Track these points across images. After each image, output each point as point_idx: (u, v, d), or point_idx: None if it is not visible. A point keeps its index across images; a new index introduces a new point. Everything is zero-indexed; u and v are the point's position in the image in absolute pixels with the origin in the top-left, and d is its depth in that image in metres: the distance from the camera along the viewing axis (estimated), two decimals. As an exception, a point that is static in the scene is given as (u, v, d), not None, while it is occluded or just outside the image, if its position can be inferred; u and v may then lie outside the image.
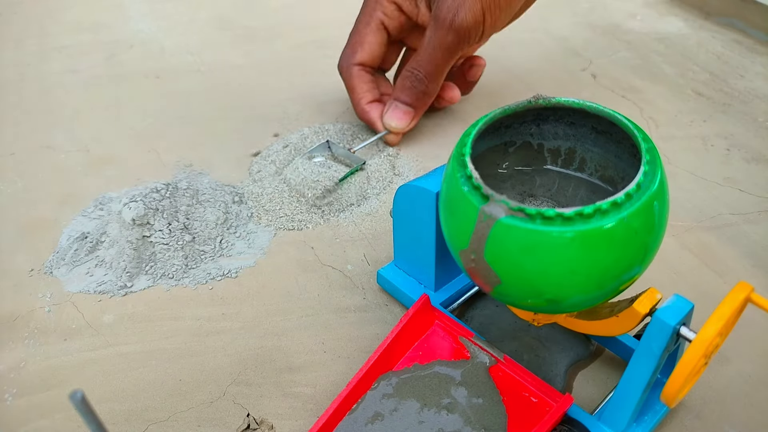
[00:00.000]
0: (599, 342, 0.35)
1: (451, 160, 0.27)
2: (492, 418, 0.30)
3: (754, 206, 0.46)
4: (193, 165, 0.51)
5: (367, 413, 0.31)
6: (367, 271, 0.41)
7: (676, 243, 0.43)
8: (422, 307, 0.33)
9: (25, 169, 0.52)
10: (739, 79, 0.61)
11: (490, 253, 0.25)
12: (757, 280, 0.40)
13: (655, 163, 0.25)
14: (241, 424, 0.32)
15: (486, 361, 0.32)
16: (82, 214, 0.46)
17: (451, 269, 0.37)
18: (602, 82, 0.61)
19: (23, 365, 0.36)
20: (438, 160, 0.51)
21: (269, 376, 0.35)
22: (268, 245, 0.43)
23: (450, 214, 0.27)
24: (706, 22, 0.73)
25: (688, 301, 0.26)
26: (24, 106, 0.60)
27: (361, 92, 0.51)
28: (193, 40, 0.71)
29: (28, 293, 0.40)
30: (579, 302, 0.26)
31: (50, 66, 0.67)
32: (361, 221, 0.45)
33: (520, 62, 0.65)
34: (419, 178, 0.33)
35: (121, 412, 0.33)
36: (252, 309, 0.39)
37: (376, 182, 0.48)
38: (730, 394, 0.33)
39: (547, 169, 0.33)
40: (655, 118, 0.56)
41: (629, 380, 0.28)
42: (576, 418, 0.30)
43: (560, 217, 0.23)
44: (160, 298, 0.40)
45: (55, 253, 0.43)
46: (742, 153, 0.51)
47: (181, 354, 0.36)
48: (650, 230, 0.25)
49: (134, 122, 0.57)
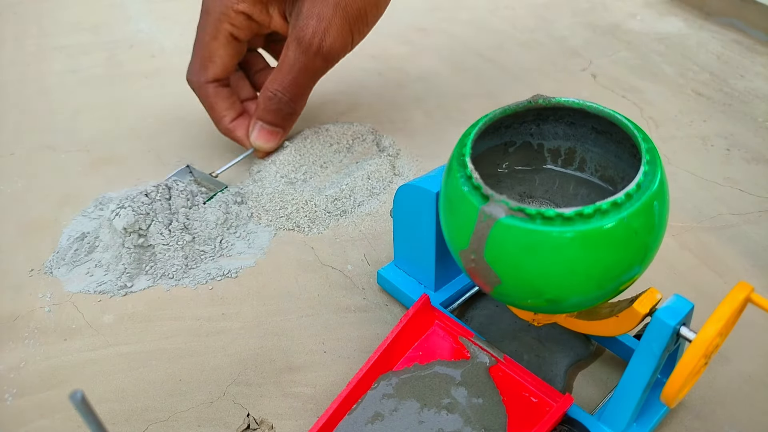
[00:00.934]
0: (599, 342, 0.35)
1: (451, 160, 0.27)
2: (492, 418, 0.30)
3: (754, 206, 0.46)
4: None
5: (367, 413, 0.31)
6: (367, 271, 0.41)
7: (676, 243, 0.43)
8: (422, 307, 0.33)
9: (25, 169, 0.52)
10: (739, 79, 0.61)
11: (490, 253, 0.25)
12: (757, 280, 0.40)
13: (655, 163, 0.25)
14: (241, 424, 0.32)
15: (486, 361, 0.32)
16: (82, 214, 0.46)
17: (451, 269, 0.37)
18: (602, 82, 0.61)
19: (23, 365, 0.36)
20: (438, 160, 0.51)
21: (269, 376, 0.35)
22: (268, 245, 0.43)
23: (450, 214, 0.27)
24: (706, 22, 0.73)
25: (688, 301, 0.26)
26: (24, 106, 0.60)
27: (222, 110, 0.48)
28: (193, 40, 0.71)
29: (28, 293, 0.40)
30: (579, 302, 0.26)
31: (50, 66, 0.67)
32: (361, 221, 0.45)
33: (520, 62, 0.65)
34: (419, 178, 0.33)
35: (121, 412, 0.33)
36: (252, 309, 0.39)
37: (376, 182, 0.48)
38: (730, 394, 0.33)
39: (547, 169, 0.33)
40: (655, 118, 0.56)
41: (629, 380, 0.28)
42: (576, 418, 0.30)
43: (560, 217, 0.23)
44: (160, 298, 0.40)
45: (55, 253, 0.43)
46: (742, 153, 0.51)
47: (181, 354, 0.36)
48: (650, 230, 0.25)
49: (134, 122, 0.57)
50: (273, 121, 0.47)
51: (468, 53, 0.67)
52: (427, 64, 0.65)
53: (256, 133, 0.47)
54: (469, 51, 0.68)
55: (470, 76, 0.63)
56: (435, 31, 0.72)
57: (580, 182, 0.32)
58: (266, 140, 0.48)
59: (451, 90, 0.61)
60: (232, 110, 0.48)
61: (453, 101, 0.59)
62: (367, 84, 0.62)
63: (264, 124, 0.47)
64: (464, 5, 0.78)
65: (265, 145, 0.48)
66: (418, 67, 0.65)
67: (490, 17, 0.75)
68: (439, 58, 0.66)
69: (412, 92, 0.61)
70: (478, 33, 0.71)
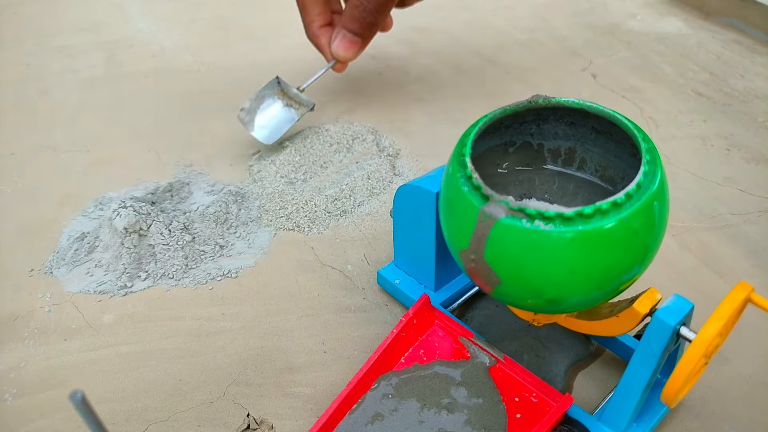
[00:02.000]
0: (599, 342, 0.35)
1: (451, 160, 0.27)
2: (492, 418, 0.30)
3: (754, 206, 0.46)
4: (193, 165, 0.51)
5: (367, 413, 0.31)
6: (367, 271, 0.41)
7: (676, 243, 0.43)
8: (422, 307, 0.33)
9: (25, 169, 0.52)
10: (739, 79, 0.61)
11: (490, 253, 0.25)
12: (757, 280, 0.40)
13: (655, 163, 0.25)
14: (241, 424, 0.32)
15: (486, 361, 0.32)
16: (82, 214, 0.46)
17: (451, 269, 0.37)
18: (602, 82, 0.61)
19: (23, 365, 0.36)
20: (438, 160, 0.51)
21: (269, 376, 0.35)
22: (268, 245, 0.43)
23: (450, 214, 0.27)
24: (706, 22, 0.73)
25: (688, 301, 0.26)
26: (24, 106, 0.60)
27: (313, 14, 0.50)
28: (193, 40, 0.71)
29: (28, 293, 0.40)
30: (579, 302, 0.26)
31: (50, 66, 0.67)
32: (361, 221, 0.45)
33: (520, 62, 0.65)
34: (419, 178, 0.33)
35: (121, 412, 0.33)
36: (252, 309, 0.39)
37: (376, 182, 0.48)
38: (730, 394, 0.33)
39: (547, 169, 0.33)
40: (655, 118, 0.56)
41: (629, 380, 0.28)
42: (576, 418, 0.30)
43: (560, 217, 0.23)
44: (160, 298, 0.40)
45: (55, 253, 0.43)
46: (742, 153, 0.51)
47: (181, 354, 0.36)
48: (650, 230, 0.25)
49: (134, 122, 0.57)
50: (355, 30, 0.49)
51: (468, 53, 0.67)
52: (427, 64, 0.65)
53: (338, 41, 0.49)
54: (469, 51, 0.68)
55: (470, 76, 0.63)
56: (435, 31, 0.72)
57: (580, 182, 0.32)
58: (346, 49, 0.49)
59: (451, 90, 0.61)
60: (323, 17, 0.50)
61: (453, 101, 0.59)
62: (367, 84, 0.62)
63: (346, 32, 0.49)
64: (464, 5, 0.78)
65: (344, 53, 0.49)
66: (418, 67, 0.65)
67: (490, 17, 0.75)
68: (439, 58, 0.66)
69: (412, 92, 0.60)
70: (478, 33, 0.71)
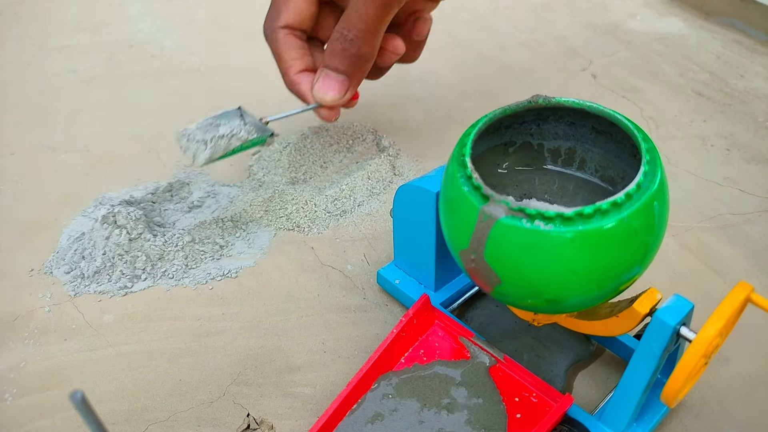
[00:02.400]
0: (599, 342, 0.35)
1: (451, 160, 0.27)
2: (492, 418, 0.30)
3: (754, 206, 0.46)
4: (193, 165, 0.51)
5: (367, 413, 0.31)
6: (367, 271, 0.41)
7: (676, 243, 0.43)
8: (422, 307, 0.33)
9: (25, 169, 0.52)
10: (739, 79, 0.61)
11: (490, 253, 0.25)
12: (757, 280, 0.40)
13: (655, 163, 0.25)
14: (241, 424, 0.32)
15: (486, 361, 0.32)
16: (82, 214, 0.46)
17: (451, 269, 0.37)
18: (602, 82, 0.61)
19: (23, 365, 0.36)
20: (438, 160, 0.51)
21: (269, 376, 0.35)
22: (268, 245, 0.43)
23: (450, 214, 0.27)
24: (706, 22, 0.73)
25: (688, 301, 0.26)
26: (24, 106, 0.60)
27: (290, 59, 0.43)
28: (193, 40, 0.71)
29: (28, 293, 0.40)
30: (579, 302, 0.26)
31: (50, 66, 0.67)
32: (361, 221, 0.45)
33: (520, 62, 0.65)
34: (419, 178, 0.33)
35: (121, 412, 0.33)
36: (252, 309, 0.39)
37: (376, 182, 0.48)
38: (730, 394, 0.33)
39: (547, 169, 0.33)
40: (655, 118, 0.56)
41: (629, 380, 0.28)
42: (576, 418, 0.30)
43: (560, 217, 0.23)
44: (160, 298, 0.40)
45: (55, 253, 0.43)
46: (742, 153, 0.51)
47: (181, 354, 0.36)
48: (650, 230, 0.25)
49: (134, 122, 0.57)
50: (339, 67, 0.41)
51: (468, 53, 0.67)
52: (427, 64, 0.65)
53: (320, 81, 0.42)
54: (469, 51, 0.68)
55: (470, 76, 0.63)
56: (435, 31, 0.72)
57: (580, 182, 0.32)
58: (331, 90, 0.41)
59: (451, 90, 0.61)
60: (300, 61, 0.43)
61: (453, 101, 0.59)
62: (367, 84, 0.62)
63: (329, 70, 0.41)
64: (464, 5, 0.78)
65: (326, 95, 0.42)
66: (418, 67, 0.65)
67: (490, 17, 0.75)
68: (439, 58, 0.66)
69: (412, 92, 0.60)
70: (478, 33, 0.71)
